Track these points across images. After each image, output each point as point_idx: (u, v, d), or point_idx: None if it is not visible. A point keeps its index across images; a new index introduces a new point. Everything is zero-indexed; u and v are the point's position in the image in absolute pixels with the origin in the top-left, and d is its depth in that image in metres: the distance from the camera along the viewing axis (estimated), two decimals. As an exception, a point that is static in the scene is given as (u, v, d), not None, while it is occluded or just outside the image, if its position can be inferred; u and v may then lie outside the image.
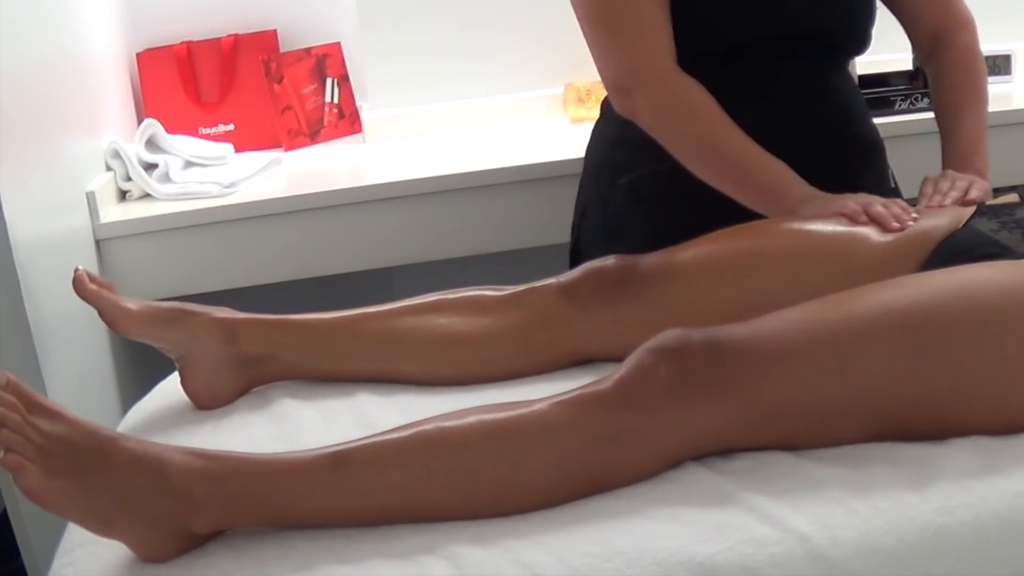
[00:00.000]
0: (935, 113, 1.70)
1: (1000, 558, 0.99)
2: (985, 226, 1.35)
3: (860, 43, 1.67)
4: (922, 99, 2.23)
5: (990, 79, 2.36)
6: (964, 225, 1.36)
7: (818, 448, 1.12)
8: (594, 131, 1.79)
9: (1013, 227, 1.34)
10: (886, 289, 1.17)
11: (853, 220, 1.40)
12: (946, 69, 1.68)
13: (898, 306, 1.14)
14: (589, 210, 1.75)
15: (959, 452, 1.09)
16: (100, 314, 1.36)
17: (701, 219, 1.45)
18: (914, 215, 1.40)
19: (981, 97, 1.68)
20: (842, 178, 1.52)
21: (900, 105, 2.22)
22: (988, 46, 2.42)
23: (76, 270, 1.35)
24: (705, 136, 1.56)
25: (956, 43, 1.68)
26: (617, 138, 1.70)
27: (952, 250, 1.32)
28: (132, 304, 1.37)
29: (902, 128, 2.19)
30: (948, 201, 1.45)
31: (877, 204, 1.41)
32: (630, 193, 1.66)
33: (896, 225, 1.38)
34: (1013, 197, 1.41)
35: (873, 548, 0.98)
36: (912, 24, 1.72)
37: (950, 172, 1.54)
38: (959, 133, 1.63)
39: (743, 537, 0.99)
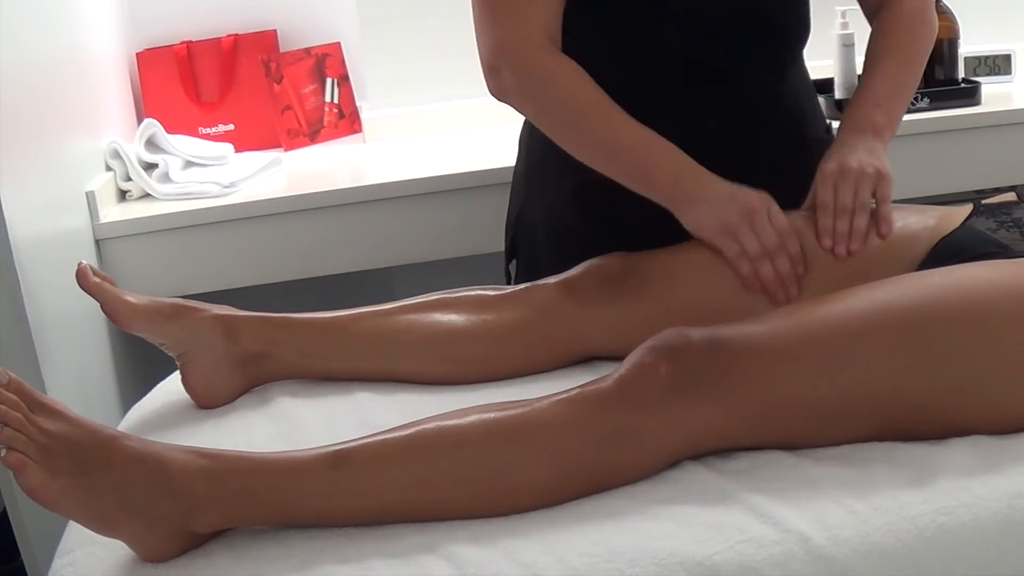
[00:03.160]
0: (862, 69, 1.60)
1: (1000, 558, 0.99)
2: (983, 225, 1.35)
3: (800, 28, 1.61)
4: (922, 99, 2.23)
5: (990, 79, 2.38)
6: (962, 224, 1.36)
7: (818, 447, 1.12)
8: (528, 123, 1.69)
9: (1011, 226, 1.34)
10: (885, 287, 1.17)
11: (744, 281, 1.39)
12: (882, 26, 1.60)
13: (897, 304, 1.14)
14: (527, 210, 1.69)
15: (959, 452, 1.09)
16: (102, 307, 1.36)
17: (652, 227, 1.44)
18: (801, 272, 1.38)
19: (911, 55, 1.59)
20: (798, 179, 1.49)
21: (900, 105, 2.22)
22: (988, 46, 2.44)
23: (80, 263, 1.36)
24: (573, 117, 1.49)
25: (900, 5, 1.59)
26: None
27: (950, 249, 1.32)
28: (134, 298, 1.37)
29: (902, 128, 2.16)
30: (854, 246, 1.37)
31: (766, 264, 1.38)
32: (578, 197, 1.60)
33: (782, 298, 1.37)
34: (1011, 196, 1.41)
35: (873, 548, 0.98)
36: None
37: (851, 170, 1.42)
38: (871, 81, 1.54)
39: (743, 537, 0.99)
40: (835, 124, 1.69)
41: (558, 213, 1.63)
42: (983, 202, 1.40)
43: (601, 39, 1.53)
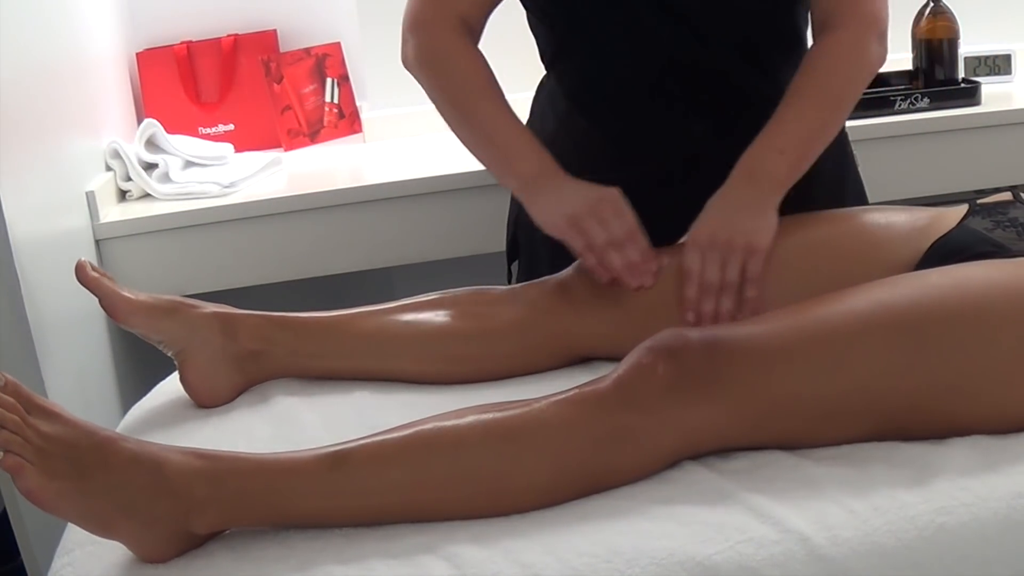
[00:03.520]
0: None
1: (1000, 558, 0.99)
2: (979, 225, 1.35)
3: (794, 27, 1.56)
4: (922, 99, 2.23)
5: (990, 79, 2.38)
6: (958, 224, 1.36)
7: (817, 447, 1.12)
8: (530, 121, 1.69)
9: (1007, 225, 1.34)
10: (883, 287, 1.17)
11: (592, 273, 1.38)
12: (812, 57, 1.47)
13: (895, 304, 1.14)
14: (525, 211, 1.65)
15: (958, 452, 1.09)
16: (100, 302, 1.36)
17: (649, 231, 1.43)
18: (653, 267, 1.37)
19: (836, 96, 1.45)
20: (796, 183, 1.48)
21: (900, 105, 2.22)
22: (988, 46, 2.44)
23: (79, 260, 1.36)
24: (461, 97, 1.53)
25: (836, 34, 1.46)
26: (555, 132, 1.62)
27: (947, 248, 1.32)
28: (131, 294, 1.37)
29: (902, 128, 2.20)
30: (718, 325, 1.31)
31: (614, 254, 1.37)
32: None
33: (636, 284, 1.37)
34: (1006, 196, 1.41)
35: (872, 548, 0.98)
36: (811, 6, 1.52)
37: (718, 243, 1.35)
38: (783, 124, 1.43)
39: (742, 537, 0.99)
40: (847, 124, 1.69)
41: None
42: (978, 202, 1.40)
43: (589, 40, 1.53)
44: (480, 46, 1.57)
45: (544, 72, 1.69)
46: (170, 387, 1.48)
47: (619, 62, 1.53)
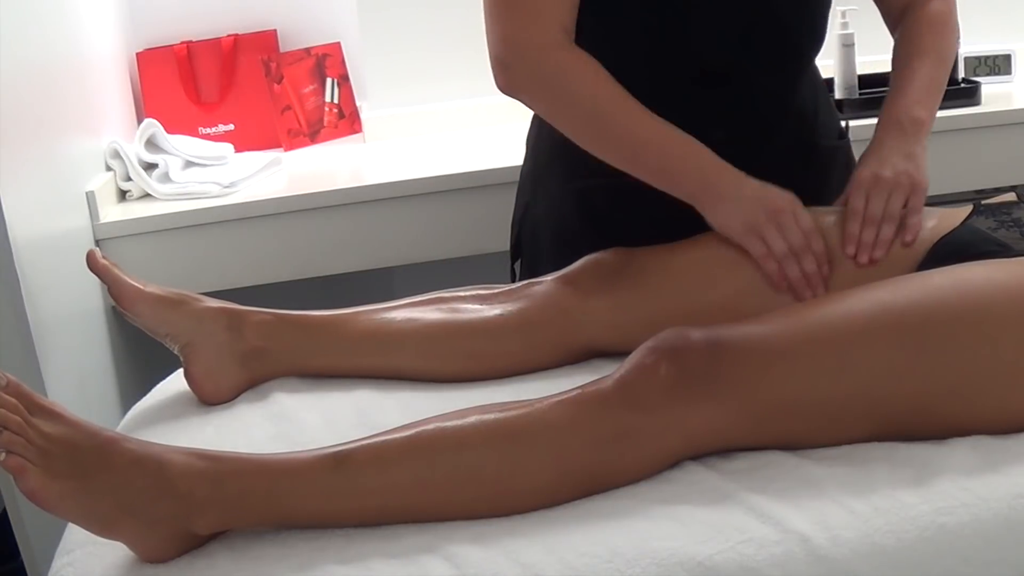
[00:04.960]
0: (891, 69, 1.59)
1: (1000, 558, 0.99)
2: (983, 224, 1.35)
3: (815, 36, 1.59)
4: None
5: (990, 79, 2.38)
6: (962, 223, 1.36)
7: (818, 447, 1.12)
8: (536, 122, 1.68)
9: (1011, 225, 1.34)
10: (885, 288, 1.17)
11: (770, 282, 1.39)
12: (910, 28, 1.59)
13: (897, 304, 1.14)
14: (532, 209, 1.69)
15: (959, 452, 1.09)
16: (109, 289, 1.37)
17: (655, 232, 1.44)
18: (826, 273, 1.38)
19: (943, 56, 1.58)
20: (806, 186, 1.47)
21: (900, 105, 2.22)
22: (988, 46, 2.44)
23: (89, 249, 1.38)
24: (592, 113, 1.47)
25: (927, 7, 1.59)
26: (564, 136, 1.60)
27: (950, 248, 1.32)
28: (140, 283, 1.38)
29: (902, 128, 2.19)
30: (877, 254, 1.37)
31: (793, 264, 1.38)
32: (581, 200, 1.59)
33: (809, 296, 1.37)
34: (1011, 196, 1.42)
35: (873, 548, 0.98)
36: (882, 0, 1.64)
37: (885, 179, 1.42)
38: (909, 80, 1.53)
39: (743, 537, 1.00)
40: (850, 124, 1.69)
41: (562, 215, 1.63)
42: (983, 202, 1.40)
43: (610, 43, 1.52)
44: (483, 46, 1.55)
45: None
46: (170, 387, 1.48)
47: (642, 65, 1.52)
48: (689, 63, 1.51)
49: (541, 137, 1.65)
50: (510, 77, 1.50)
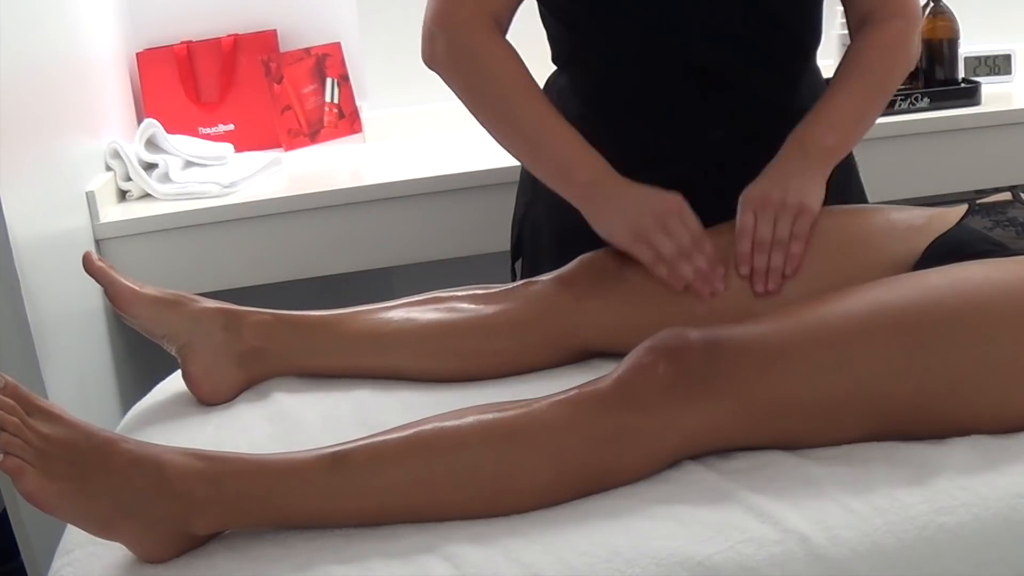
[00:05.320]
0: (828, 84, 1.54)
1: (1000, 558, 0.99)
2: (979, 224, 1.35)
3: (812, 32, 1.58)
4: (922, 99, 2.24)
5: (990, 79, 2.38)
6: (958, 223, 1.36)
7: (817, 447, 1.12)
8: None
9: (1007, 225, 1.34)
10: (882, 287, 1.17)
11: (666, 283, 1.39)
12: (859, 45, 1.52)
13: (895, 304, 1.14)
14: (532, 209, 1.69)
15: (958, 452, 1.09)
16: (105, 291, 1.37)
17: None
18: (721, 272, 1.38)
19: (882, 83, 1.51)
20: None
21: (900, 105, 2.22)
22: (988, 46, 2.44)
23: (86, 251, 1.38)
24: (500, 100, 1.49)
25: (882, 26, 1.51)
26: None
27: (947, 247, 1.32)
28: (137, 285, 1.38)
29: (902, 128, 2.20)
30: (771, 286, 1.37)
31: (684, 264, 1.38)
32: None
33: (708, 291, 1.38)
34: (1006, 195, 1.42)
35: (873, 548, 0.98)
36: (847, 3, 1.57)
37: (771, 201, 1.40)
38: (834, 101, 1.48)
39: (743, 537, 0.99)
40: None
41: (561, 214, 1.62)
42: (978, 202, 1.40)
43: (607, 42, 1.52)
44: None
45: (550, 71, 1.67)
46: (170, 387, 1.48)
47: (638, 65, 1.52)
48: (686, 62, 1.51)
49: None
50: (431, 51, 1.54)
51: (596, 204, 1.45)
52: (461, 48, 1.50)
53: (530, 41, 1.60)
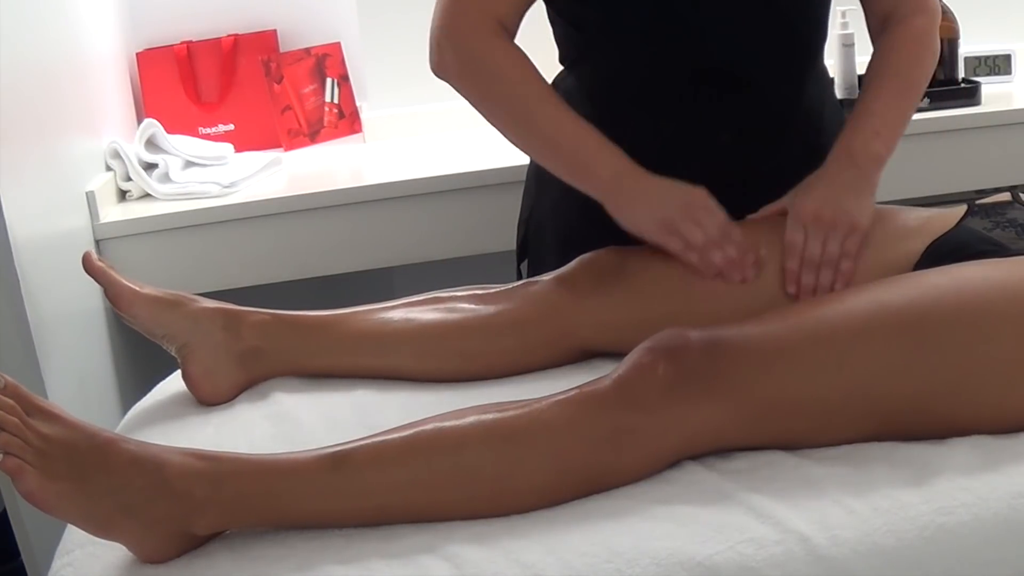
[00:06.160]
0: (860, 87, 1.55)
1: (1000, 558, 0.99)
2: (978, 225, 1.35)
3: (819, 32, 1.57)
4: (922, 99, 2.23)
5: (990, 79, 2.38)
6: (957, 224, 1.36)
7: (817, 447, 1.12)
8: None
9: (1006, 225, 1.34)
10: (882, 287, 1.18)
11: (697, 273, 1.39)
12: (887, 44, 1.52)
13: (894, 304, 1.14)
14: (537, 210, 1.69)
15: (959, 452, 1.09)
16: (105, 291, 1.37)
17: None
18: (751, 259, 1.38)
19: (914, 80, 1.52)
20: None
21: (900, 105, 2.22)
22: (988, 46, 2.44)
23: (85, 251, 1.38)
24: (515, 104, 1.49)
25: (905, 23, 1.52)
26: None
27: (946, 248, 1.32)
28: (137, 285, 1.38)
29: (902, 128, 2.19)
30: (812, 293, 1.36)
31: (715, 252, 1.38)
32: (585, 202, 1.54)
33: (739, 279, 1.38)
34: (1005, 196, 1.42)
35: (873, 548, 0.98)
36: (866, 3, 1.59)
37: (823, 219, 1.39)
38: (874, 105, 1.47)
39: (743, 537, 0.99)
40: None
41: (565, 215, 1.63)
42: (977, 203, 1.40)
43: (616, 46, 1.52)
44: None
45: (556, 72, 1.67)
46: (170, 387, 1.48)
47: (646, 66, 1.52)
48: (695, 62, 1.50)
49: None
50: (440, 61, 1.53)
51: (621, 197, 1.45)
52: (469, 57, 1.50)
53: (537, 42, 1.60)
